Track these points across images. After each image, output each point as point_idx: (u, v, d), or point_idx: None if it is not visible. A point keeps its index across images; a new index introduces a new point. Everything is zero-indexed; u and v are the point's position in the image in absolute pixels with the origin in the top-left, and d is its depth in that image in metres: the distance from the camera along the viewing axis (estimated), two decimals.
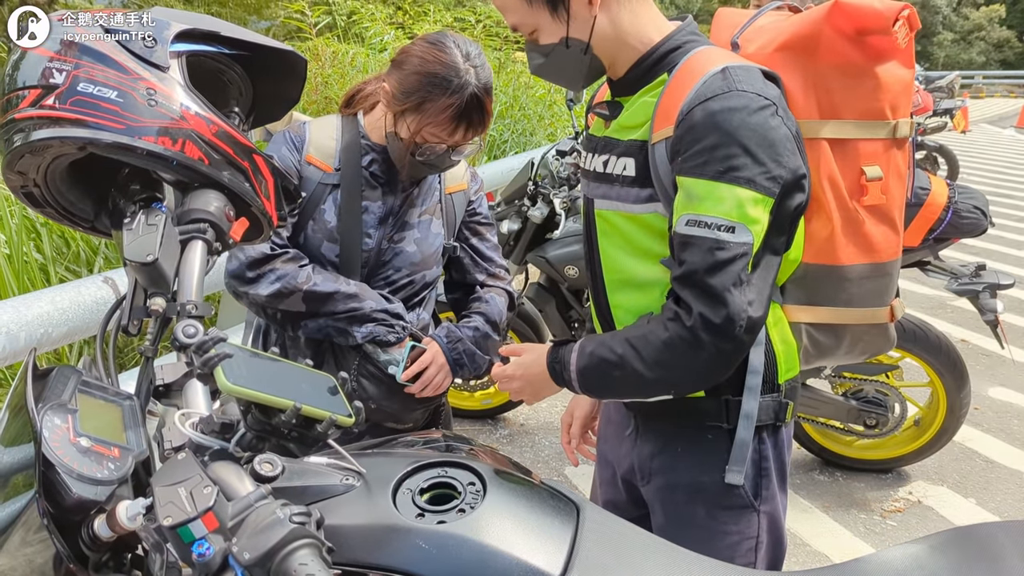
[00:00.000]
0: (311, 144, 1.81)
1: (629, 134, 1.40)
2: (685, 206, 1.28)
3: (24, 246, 3.43)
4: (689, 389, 1.37)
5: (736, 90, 1.26)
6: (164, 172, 1.06)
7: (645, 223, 1.39)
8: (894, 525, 3.17)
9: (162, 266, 0.98)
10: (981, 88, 30.53)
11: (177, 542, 0.76)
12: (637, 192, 1.38)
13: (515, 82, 8.47)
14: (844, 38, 1.37)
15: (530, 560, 0.90)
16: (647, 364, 1.31)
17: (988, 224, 2.88)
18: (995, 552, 1.01)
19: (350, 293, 1.76)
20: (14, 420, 0.98)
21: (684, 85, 1.30)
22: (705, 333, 1.25)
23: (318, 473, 1.00)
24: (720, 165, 1.24)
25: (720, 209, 1.25)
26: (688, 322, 1.26)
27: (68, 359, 3.28)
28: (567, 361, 1.42)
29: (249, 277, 1.76)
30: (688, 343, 1.27)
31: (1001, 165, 13.50)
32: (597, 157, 1.46)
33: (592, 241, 1.51)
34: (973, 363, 4.54)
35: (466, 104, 1.64)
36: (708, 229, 1.25)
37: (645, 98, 1.38)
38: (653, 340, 1.31)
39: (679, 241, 1.29)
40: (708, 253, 1.25)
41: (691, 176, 1.27)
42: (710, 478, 1.46)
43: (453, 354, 1.87)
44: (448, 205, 1.94)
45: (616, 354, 1.34)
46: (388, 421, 1.90)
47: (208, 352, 0.86)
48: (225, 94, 1.23)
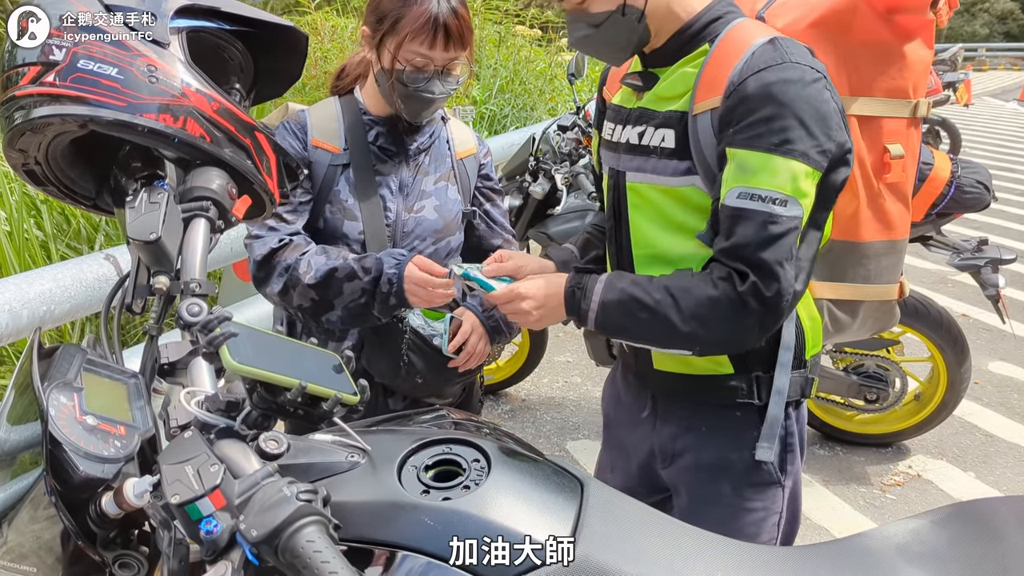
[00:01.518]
0: (314, 128, 1.81)
1: (667, 105, 1.37)
2: (737, 178, 1.26)
3: (25, 223, 3.43)
4: (712, 350, 1.36)
5: (790, 61, 1.25)
6: (166, 149, 1.06)
7: (681, 196, 1.37)
8: (894, 499, 3.19)
9: (165, 244, 0.98)
10: (984, 61, 30.30)
11: (185, 520, 0.77)
12: (676, 164, 1.35)
13: (515, 56, 8.41)
14: (877, 16, 1.36)
15: (534, 535, 0.90)
16: (683, 315, 1.28)
17: (991, 199, 2.87)
18: (996, 527, 1.01)
19: (348, 270, 1.70)
20: (20, 398, 0.98)
21: (730, 55, 1.28)
22: (755, 301, 1.24)
23: (323, 450, 1.00)
24: (775, 137, 1.23)
25: (775, 182, 1.23)
26: (740, 287, 1.25)
27: (71, 337, 3.29)
28: (589, 289, 1.36)
29: (260, 277, 1.76)
30: (735, 306, 1.25)
31: (1004, 139, 13.43)
32: (630, 128, 1.43)
33: (620, 215, 1.48)
34: (974, 337, 4.54)
35: (439, 12, 1.64)
36: (762, 202, 1.23)
37: (685, 68, 1.35)
38: (697, 294, 1.28)
39: (729, 214, 1.27)
40: (761, 227, 1.24)
41: (744, 148, 1.25)
42: (738, 455, 1.46)
43: (490, 321, 1.86)
44: (461, 170, 1.94)
45: (652, 297, 1.31)
46: (431, 396, 1.90)
47: (213, 331, 0.87)
48: (226, 70, 1.22)
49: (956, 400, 3.33)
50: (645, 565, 0.92)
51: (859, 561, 0.99)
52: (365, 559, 0.91)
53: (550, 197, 3.70)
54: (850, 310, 1.54)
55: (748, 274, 1.24)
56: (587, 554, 0.90)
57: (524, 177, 3.76)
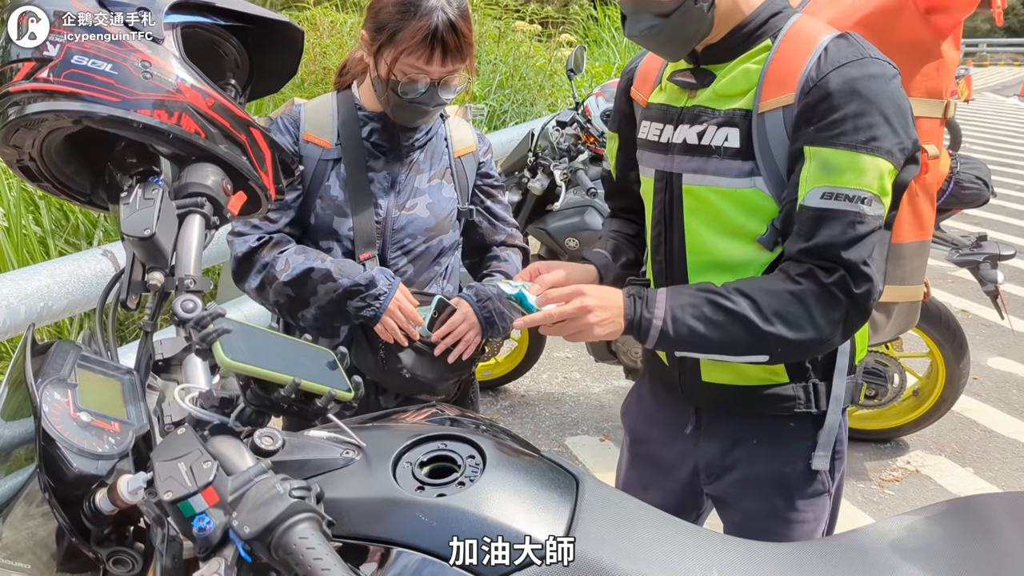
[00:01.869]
0: (307, 123, 1.81)
1: (728, 103, 1.32)
2: (820, 178, 1.22)
3: (23, 219, 3.43)
4: (792, 354, 1.30)
5: (870, 56, 1.22)
6: (160, 146, 1.05)
7: (743, 199, 1.32)
8: (892, 494, 3.19)
9: (160, 240, 0.97)
10: (985, 56, 30.26)
11: (178, 516, 0.77)
12: (739, 165, 1.30)
13: (515, 52, 8.40)
14: (919, 15, 1.36)
15: (530, 532, 0.90)
16: (764, 315, 1.23)
17: (990, 195, 2.87)
18: (991, 524, 1.01)
19: (324, 271, 1.72)
20: (14, 394, 0.98)
21: (799, 51, 1.26)
22: (842, 294, 1.21)
23: (318, 447, 1.00)
24: (862, 135, 1.20)
25: (862, 181, 1.20)
26: (826, 279, 1.21)
27: (69, 333, 3.29)
28: (650, 299, 1.28)
29: (239, 273, 1.78)
30: (822, 299, 1.22)
31: (1004, 134, 13.42)
32: (686, 128, 1.37)
33: (673, 220, 1.41)
34: (973, 333, 4.54)
35: (438, 27, 1.61)
36: (849, 202, 1.20)
37: (747, 65, 1.31)
38: (778, 292, 1.24)
39: (812, 215, 1.23)
40: (848, 227, 1.21)
41: (828, 146, 1.21)
42: (791, 467, 1.43)
43: (484, 312, 1.85)
44: (459, 168, 1.92)
45: (727, 298, 1.25)
46: (422, 392, 1.89)
47: (206, 327, 0.86)
48: (221, 66, 1.22)
49: (955, 396, 3.33)
50: (640, 561, 0.92)
51: (854, 557, 0.99)
52: (360, 556, 0.91)
53: (549, 193, 3.70)
54: (886, 311, 1.53)
55: (835, 268, 1.22)
56: (582, 550, 0.90)
57: (523, 173, 3.75)
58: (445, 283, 1.94)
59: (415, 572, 0.88)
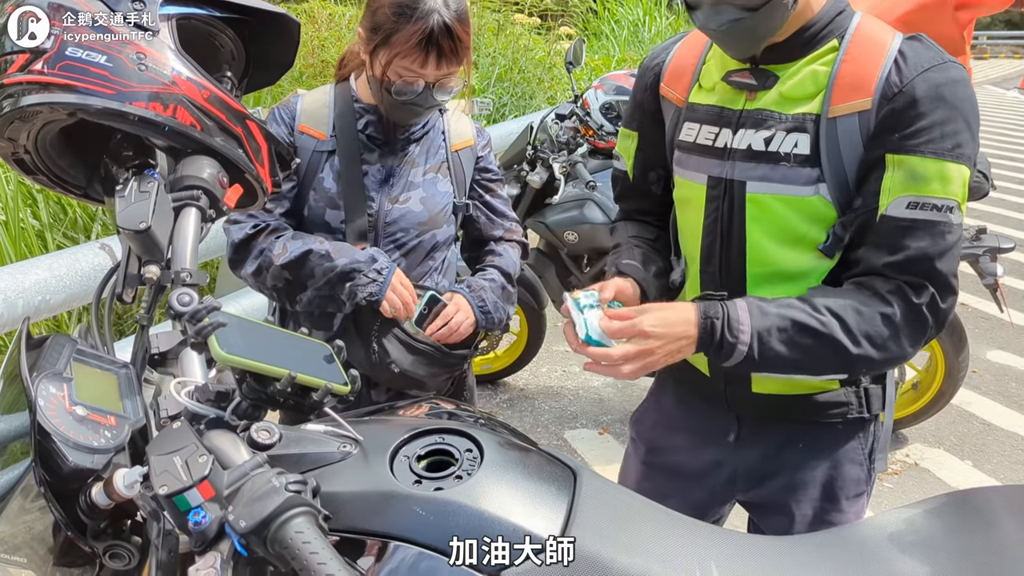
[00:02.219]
0: (303, 114, 1.80)
1: (795, 107, 1.27)
2: (906, 187, 1.19)
3: (21, 212, 3.42)
4: (870, 371, 1.29)
5: (948, 61, 1.20)
6: (156, 138, 1.05)
7: (808, 207, 1.28)
8: (891, 487, 3.19)
9: (155, 234, 0.97)
10: (985, 49, 30.19)
11: (173, 510, 0.77)
12: (808, 172, 1.26)
13: (514, 44, 8.38)
14: (951, 10, 1.36)
15: (527, 526, 0.90)
16: (854, 336, 1.20)
17: (990, 188, 2.87)
18: (990, 517, 1.01)
19: (322, 252, 1.73)
20: (9, 388, 0.98)
21: (871, 53, 1.22)
22: (930, 314, 1.20)
23: (315, 441, 1.00)
24: (948, 142, 1.18)
25: (949, 189, 1.18)
26: (917, 299, 1.20)
27: (67, 327, 3.28)
28: (735, 320, 1.22)
29: (235, 260, 1.79)
30: (912, 321, 1.20)
31: (1004, 127, 13.40)
32: (748, 132, 1.31)
33: (733, 230, 1.35)
34: (972, 327, 4.54)
35: (433, 31, 1.59)
36: (938, 212, 1.18)
37: (814, 66, 1.26)
38: (867, 312, 1.21)
39: (896, 226, 1.20)
40: (939, 237, 1.19)
41: (915, 154, 1.18)
42: (839, 470, 1.42)
43: (478, 303, 1.85)
44: (456, 163, 1.91)
45: (817, 319, 1.20)
46: (412, 387, 1.88)
47: (202, 321, 0.86)
48: (217, 58, 1.21)
49: (954, 389, 3.33)
50: (638, 555, 0.91)
51: (853, 550, 0.99)
52: (357, 550, 0.91)
53: (548, 186, 3.69)
54: None
55: (926, 286, 1.20)
56: (580, 544, 0.90)
57: (522, 166, 3.74)
58: (440, 277, 1.93)
59: (412, 566, 0.88)
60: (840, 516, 1.44)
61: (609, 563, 0.89)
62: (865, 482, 1.44)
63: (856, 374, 1.27)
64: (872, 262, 1.23)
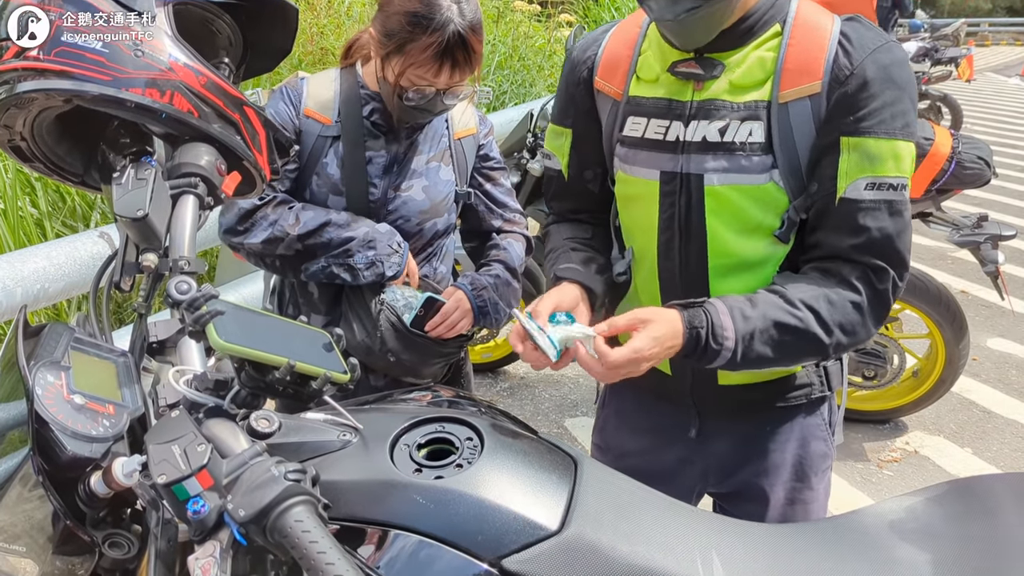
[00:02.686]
0: (309, 98, 1.79)
1: (746, 94, 1.26)
2: (863, 168, 1.20)
3: (19, 200, 3.41)
4: (843, 352, 1.30)
5: (890, 41, 1.22)
6: (153, 125, 1.04)
7: (763, 195, 1.28)
8: (891, 475, 3.19)
9: (153, 221, 0.96)
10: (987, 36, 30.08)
11: (172, 499, 0.76)
12: (762, 160, 1.26)
13: (514, 32, 8.35)
14: None
15: (528, 514, 0.90)
16: (827, 327, 1.21)
17: (991, 175, 2.86)
18: (991, 505, 1.01)
19: (341, 222, 1.73)
20: (7, 376, 0.98)
21: (815, 36, 1.23)
22: (892, 296, 1.23)
23: (314, 429, 0.99)
24: (899, 121, 1.20)
25: (902, 167, 1.21)
26: (880, 284, 1.22)
27: (66, 315, 3.28)
28: (721, 326, 1.20)
29: (241, 229, 1.76)
30: (878, 305, 1.23)
31: (1005, 115, 13.37)
32: (701, 124, 1.29)
33: (692, 224, 1.33)
34: (973, 314, 4.54)
35: (448, 43, 1.57)
36: (893, 191, 1.20)
37: (760, 52, 1.25)
38: (838, 301, 1.22)
39: (856, 208, 1.21)
40: (897, 216, 1.21)
41: (870, 135, 1.20)
42: (805, 450, 1.43)
43: (478, 301, 1.84)
44: (458, 151, 1.90)
45: (795, 316, 1.21)
46: (407, 375, 1.88)
47: (200, 309, 0.85)
48: (214, 44, 1.20)
49: (954, 376, 3.33)
50: (639, 543, 0.91)
51: (854, 538, 0.99)
52: (357, 538, 0.90)
53: None
54: None
55: (887, 270, 1.22)
56: (580, 532, 0.90)
57: (522, 154, 3.73)
58: (439, 264, 1.93)
59: (412, 554, 0.88)
60: (811, 493, 1.46)
61: (610, 551, 0.89)
62: (830, 456, 1.48)
63: (827, 360, 1.30)
64: (836, 245, 1.24)
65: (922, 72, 9.04)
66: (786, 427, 1.43)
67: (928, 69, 9.11)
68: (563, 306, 1.29)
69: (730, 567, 0.92)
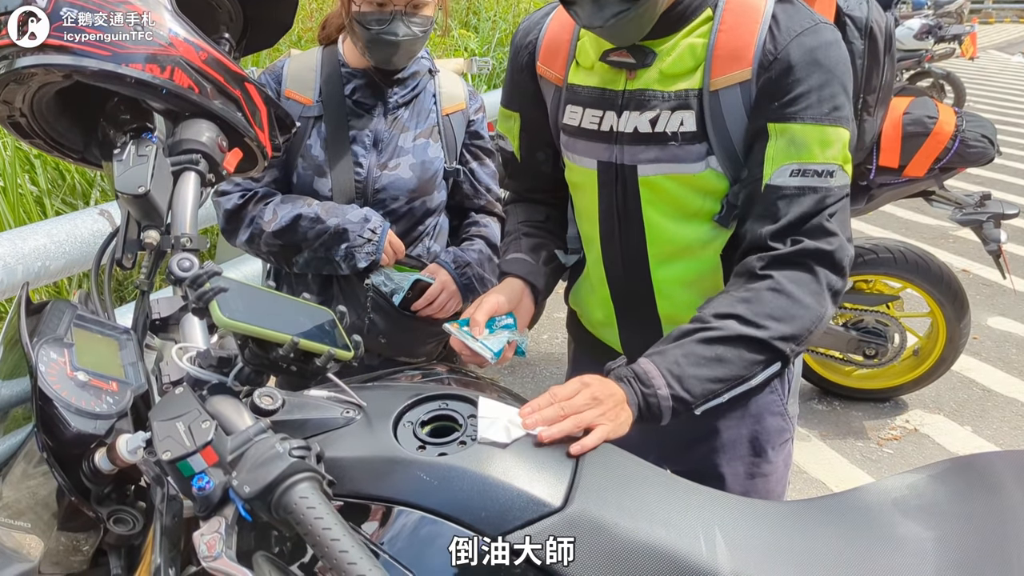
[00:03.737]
0: (288, 79, 1.78)
1: (677, 83, 1.23)
2: (788, 155, 1.18)
3: (19, 178, 3.40)
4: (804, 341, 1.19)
5: (820, 23, 1.19)
6: (153, 101, 1.03)
7: (700, 182, 1.26)
8: (890, 453, 3.21)
9: (154, 198, 0.96)
10: (990, 13, 29.85)
11: (177, 476, 0.76)
12: (697, 148, 1.24)
13: (515, 8, 8.28)
14: None
15: (531, 491, 0.90)
16: (753, 323, 1.14)
17: (995, 153, 2.84)
18: (994, 482, 1.01)
19: (312, 216, 1.71)
20: (9, 353, 0.97)
21: (746, 21, 1.19)
22: (813, 260, 1.17)
23: (318, 406, 0.99)
24: (826, 106, 1.17)
25: (829, 154, 1.17)
26: (787, 253, 1.17)
27: (67, 293, 3.28)
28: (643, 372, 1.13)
29: (228, 230, 1.78)
30: (796, 278, 1.17)
31: (1008, 92, 13.29)
32: (633, 114, 1.27)
33: (629, 213, 1.33)
34: (974, 293, 4.54)
35: None
36: (819, 177, 1.17)
37: (691, 39, 1.23)
38: (753, 296, 1.16)
39: (780, 195, 1.18)
40: (818, 203, 1.17)
41: (795, 121, 1.17)
42: (761, 425, 1.43)
43: (463, 279, 1.83)
44: (446, 127, 1.88)
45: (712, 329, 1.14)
46: (400, 355, 1.89)
47: (203, 286, 0.85)
48: (214, 20, 1.19)
49: (955, 355, 3.33)
50: (642, 519, 0.92)
51: (857, 515, 0.99)
52: (361, 515, 0.91)
53: None
54: None
55: (801, 239, 1.18)
56: (584, 508, 0.90)
57: None
58: (431, 243, 1.92)
59: (416, 531, 0.88)
60: (769, 466, 1.45)
61: (613, 527, 0.89)
62: (788, 429, 1.46)
63: (792, 354, 1.19)
64: (756, 233, 1.21)
65: (925, 50, 8.98)
66: (740, 404, 1.41)
67: (931, 47, 9.06)
68: (503, 309, 1.31)
69: (733, 543, 0.92)
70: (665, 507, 0.95)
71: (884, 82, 2.12)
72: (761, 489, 1.45)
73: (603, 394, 1.07)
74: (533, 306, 1.39)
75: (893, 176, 2.81)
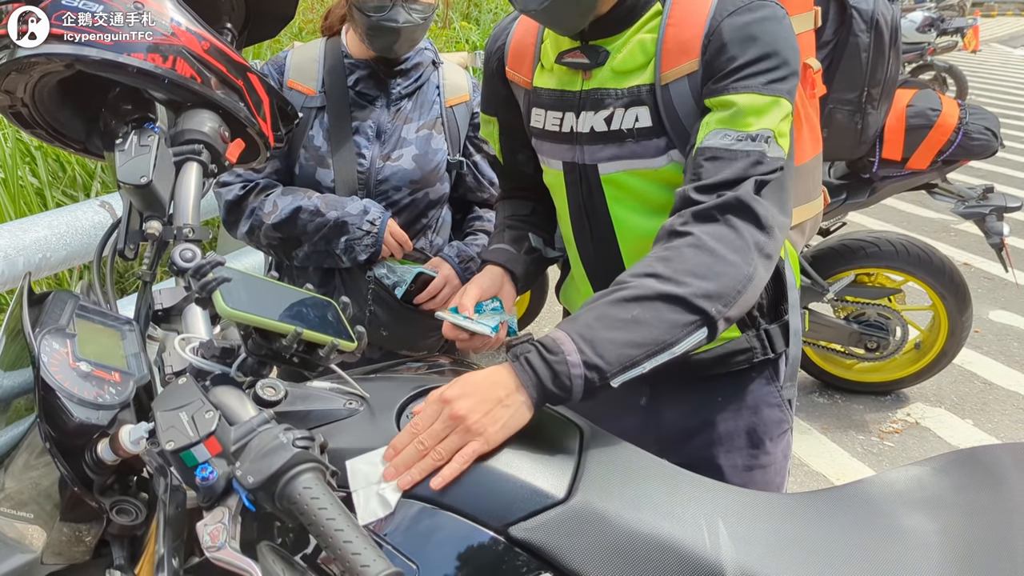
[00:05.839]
0: (291, 69, 1.77)
1: (629, 80, 1.23)
2: (721, 121, 1.15)
3: (19, 170, 3.39)
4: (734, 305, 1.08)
5: (756, 1, 1.17)
6: (155, 91, 1.03)
7: (663, 176, 1.25)
8: (891, 446, 3.21)
9: (157, 188, 0.95)
10: (993, 7, 29.77)
11: (180, 466, 0.76)
12: (655, 143, 1.23)
13: None
14: None
15: (535, 482, 0.90)
16: (673, 280, 1.04)
17: (998, 146, 2.83)
18: (998, 474, 1.01)
19: (312, 208, 1.71)
20: (12, 344, 0.97)
21: (693, 13, 1.18)
22: (734, 214, 1.10)
23: (321, 397, 0.99)
24: (762, 78, 1.15)
25: (764, 122, 1.14)
26: (706, 207, 1.10)
27: (68, 284, 3.28)
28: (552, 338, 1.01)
29: (229, 222, 1.78)
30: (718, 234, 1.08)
31: (1011, 86, 13.26)
32: (589, 114, 1.27)
33: (597, 211, 1.33)
34: (975, 286, 4.53)
35: None
36: (752, 142, 1.13)
37: (641, 35, 1.22)
38: (672, 254, 1.08)
39: (709, 156, 1.14)
40: (750, 167, 1.12)
41: (729, 93, 1.15)
42: (758, 417, 1.42)
43: (466, 274, 1.83)
44: (450, 119, 1.88)
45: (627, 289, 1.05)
46: (401, 348, 1.88)
47: (206, 276, 0.85)
48: (216, 9, 1.19)
49: (956, 348, 3.33)
50: (645, 510, 0.91)
51: (861, 507, 0.99)
52: None
53: None
54: (800, 233, 1.50)
55: (723, 193, 1.11)
56: (587, 500, 0.90)
57: None
58: (434, 236, 1.91)
59: (419, 521, 0.88)
60: (768, 458, 1.45)
61: (616, 518, 0.89)
62: (786, 420, 1.45)
63: (719, 317, 1.07)
64: (684, 195, 1.15)
65: (927, 43, 8.95)
66: (737, 395, 1.41)
67: (934, 39, 9.02)
68: (487, 294, 1.36)
69: (736, 534, 0.92)
70: (668, 499, 0.95)
71: (889, 75, 2.11)
72: (760, 481, 1.44)
73: (472, 403, 0.93)
74: (515, 291, 1.43)
75: (896, 169, 2.81)
